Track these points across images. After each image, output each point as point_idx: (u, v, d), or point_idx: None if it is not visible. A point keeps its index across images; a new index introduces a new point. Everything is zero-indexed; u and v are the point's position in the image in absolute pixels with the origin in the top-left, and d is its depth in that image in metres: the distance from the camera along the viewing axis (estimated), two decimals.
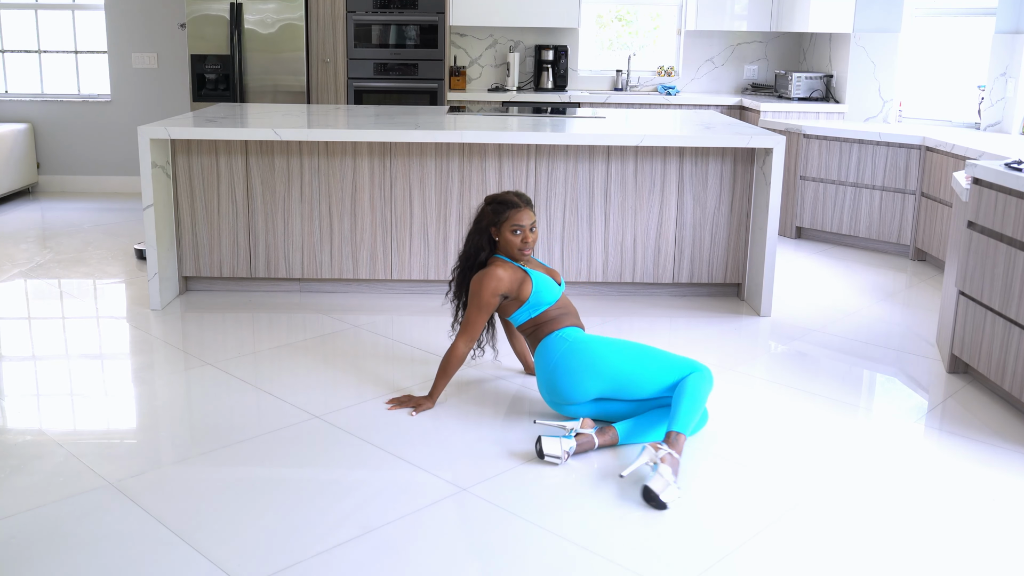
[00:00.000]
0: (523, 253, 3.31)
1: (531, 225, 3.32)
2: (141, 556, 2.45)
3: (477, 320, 3.32)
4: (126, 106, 7.79)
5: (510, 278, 3.28)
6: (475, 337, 3.35)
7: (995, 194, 3.55)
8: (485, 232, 3.36)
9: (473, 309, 3.32)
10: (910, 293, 5.19)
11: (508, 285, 3.28)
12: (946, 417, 3.50)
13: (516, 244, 3.30)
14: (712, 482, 2.93)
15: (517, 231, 3.29)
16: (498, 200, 3.36)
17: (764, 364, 4.00)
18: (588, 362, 3.15)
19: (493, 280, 3.26)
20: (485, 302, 3.28)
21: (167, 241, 4.66)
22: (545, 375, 3.24)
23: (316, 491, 2.80)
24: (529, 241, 3.30)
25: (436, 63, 6.95)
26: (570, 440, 3.00)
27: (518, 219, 3.30)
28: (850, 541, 2.60)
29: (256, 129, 4.48)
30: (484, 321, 3.33)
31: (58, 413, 3.38)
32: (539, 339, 3.29)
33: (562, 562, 2.47)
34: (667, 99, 7.28)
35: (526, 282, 3.28)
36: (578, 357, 3.17)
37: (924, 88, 6.65)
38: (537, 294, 3.28)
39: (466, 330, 3.34)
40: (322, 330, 4.30)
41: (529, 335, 3.35)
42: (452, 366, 3.38)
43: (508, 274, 3.28)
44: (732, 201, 4.77)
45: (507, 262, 3.33)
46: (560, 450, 2.96)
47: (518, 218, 3.30)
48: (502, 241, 3.33)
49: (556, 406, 3.27)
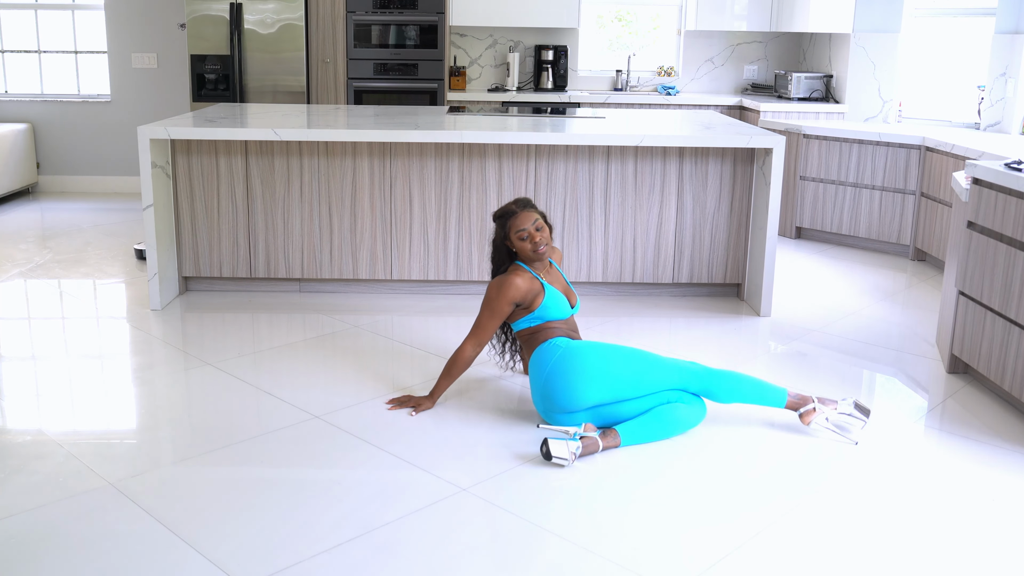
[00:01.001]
0: (538, 252, 3.32)
1: (535, 225, 3.34)
2: (141, 556, 2.45)
3: (488, 324, 3.33)
4: (126, 106, 7.79)
5: (526, 288, 3.30)
6: (483, 341, 3.36)
7: (995, 194, 3.55)
8: (502, 247, 3.43)
9: (486, 313, 3.32)
10: (910, 293, 5.19)
11: (523, 295, 3.30)
12: (946, 417, 3.50)
13: (527, 248, 3.33)
14: (712, 482, 2.93)
15: (523, 236, 3.33)
16: (500, 214, 3.41)
17: (764, 364, 4.00)
18: (582, 368, 3.14)
19: (511, 289, 3.28)
20: (498, 308, 3.30)
21: (167, 241, 4.66)
22: (539, 384, 3.22)
23: (316, 491, 2.80)
24: (537, 240, 3.32)
25: (436, 63, 6.95)
26: (576, 442, 3.02)
27: (519, 224, 3.33)
28: (850, 541, 2.60)
29: (256, 129, 4.48)
30: (495, 326, 3.34)
31: (58, 413, 3.38)
32: (534, 347, 3.30)
33: (562, 562, 2.47)
34: (667, 99, 7.28)
35: (540, 295, 3.31)
36: (572, 363, 3.16)
37: (924, 88, 6.65)
38: (545, 308, 3.30)
39: (476, 333, 3.35)
40: (322, 330, 4.30)
41: (525, 341, 3.36)
42: (457, 368, 3.38)
43: (525, 284, 3.30)
44: (732, 201, 4.77)
45: (526, 270, 3.34)
46: (567, 452, 2.97)
47: (519, 223, 3.33)
48: (517, 250, 3.37)
49: (549, 415, 3.23)
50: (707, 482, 2.93)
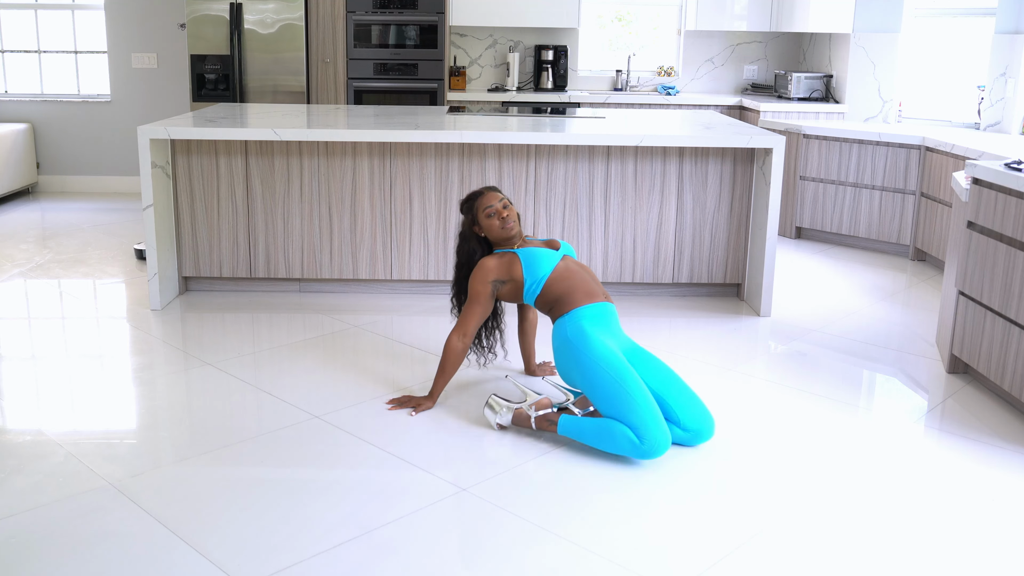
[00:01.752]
0: (507, 228, 3.34)
1: (503, 203, 3.36)
2: (141, 556, 2.45)
3: (470, 311, 3.34)
4: (126, 106, 7.79)
5: (497, 263, 3.33)
6: (468, 331, 3.35)
7: (995, 194, 3.55)
8: (471, 236, 3.43)
9: (469, 300, 3.36)
10: (910, 293, 5.19)
11: (497, 271, 3.33)
12: (946, 417, 3.50)
13: (496, 225, 3.34)
14: (712, 482, 2.93)
15: (490, 213, 3.34)
16: (465, 199, 3.44)
17: (764, 364, 4.00)
18: (576, 361, 3.13)
19: (482, 270, 3.33)
20: (476, 291, 3.33)
21: (167, 241, 4.66)
22: (555, 352, 3.25)
23: (316, 491, 2.80)
24: (505, 216, 3.34)
25: (436, 63, 6.95)
26: (509, 415, 3.19)
27: (486, 202, 3.36)
28: (850, 541, 2.60)
29: (256, 129, 4.48)
30: (479, 313, 3.34)
31: (58, 413, 3.38)
32: (554, 320, 3.29)
33: (562, 562, 2.47)
34: (667, 99, 7.28)
35: (514, 262, 3.32)
36: (573, 351, 3.14)
37: (924, 88, 6.65)
38: (527, 268, 3.30)
39: (460, 324, 3.37)
40: (322, 330, 4.30)
41: (549, 315, 3.34)
42: (449, 362, 3.38)
43: (495, 260, 3.34)
44: (732, 201, 4.77)
45: (496, 253, 3.37)
46: (494, 422, 3.21)
47: (486, 201, 3.36)
48: (487, 231, 3.38)
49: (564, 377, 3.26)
50: (707, 482, 2.93)
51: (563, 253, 3.40)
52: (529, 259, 3.31)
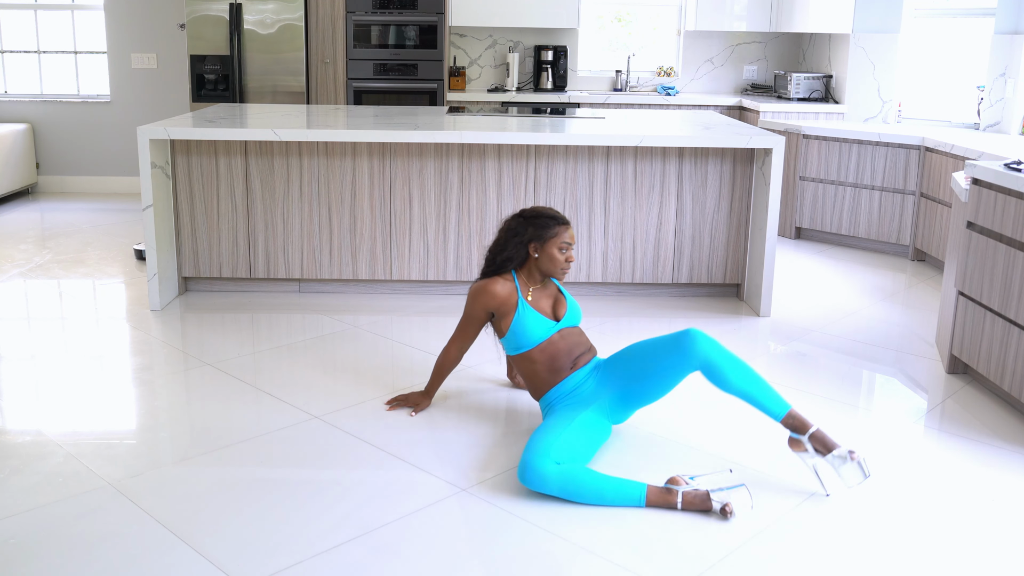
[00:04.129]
0: (563, 272, 3.22)
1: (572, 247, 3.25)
2: (141, 556, 2.45)
3: (466, 328, 3.30)
4: (125, 106, 7.79)
5: (503, 299, 3.18)
6: (465, 345, 3.34)
7: (994, 194, 3.55)
8: (523, 248, 3.21)
9: (464, 318, 3.30)
10: (910, 293, 5.19)
11: (498, 305, 3.19)
12: (945, 417, 3.50)
13: (560, 262, 3.19)
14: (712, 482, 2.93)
15: (564, 249, 3.19)
16: (543, 215, 3.22)
17: (764, 364, 4.00)
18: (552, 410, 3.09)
19: (486, 296, 3.19)
20: (472, 314, 3.26)
21: (167, 241, 4.66)
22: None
23: (316, 491, 2.80)
24: (571, 260, 3.23)
25: (435, 63, 6.95)
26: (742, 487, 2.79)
27: (566, 236, 3.20)
28: (850, 541, 2.60)
29: (256, 129, 4.48)
30: (474, 331, 3.30)
31: (58, 413, 3.38)
32: (535, 393, 3.21)
33: (562, 562, 2.47)
34: (666, 99, 7.28)
35: (509, 316, 3.17)
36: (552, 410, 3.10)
37: (923, 88, 6.65)
38: (513, 334, 3.17)
39: (458, 336, 3.34)
40: (322, 330, 4.30)
41: (524, 376, 3.24)
42: (446, 368, 3.39)
43: (504, 294, 3.18)
44: (732, 201, 4.77)
45: (510, 281, 3.22)
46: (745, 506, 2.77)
47: (565, 235, 3.20)
48: (543, 257, 3.19)
49: None
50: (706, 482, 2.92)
51: (561, 326, 3.20)
52: (519, 326, 3.15)
